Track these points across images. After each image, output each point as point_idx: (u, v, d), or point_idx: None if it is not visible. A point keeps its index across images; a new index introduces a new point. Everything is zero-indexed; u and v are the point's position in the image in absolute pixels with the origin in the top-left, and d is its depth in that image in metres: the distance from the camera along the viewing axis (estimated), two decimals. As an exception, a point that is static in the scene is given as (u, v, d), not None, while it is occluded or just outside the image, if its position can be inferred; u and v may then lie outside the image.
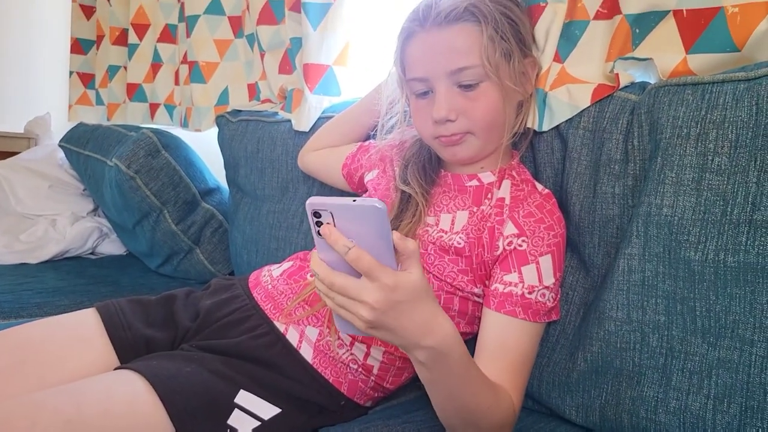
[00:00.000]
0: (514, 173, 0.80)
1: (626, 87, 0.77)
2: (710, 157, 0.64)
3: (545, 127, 0.80)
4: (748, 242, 0.61)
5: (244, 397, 0.73)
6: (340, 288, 0.55)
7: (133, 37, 1.90)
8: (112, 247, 1.80)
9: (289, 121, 1.24)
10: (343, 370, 0.80)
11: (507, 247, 0.74)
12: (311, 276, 0.80)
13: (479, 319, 0.76)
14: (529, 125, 0.81)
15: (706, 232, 0.64)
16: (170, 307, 0.88)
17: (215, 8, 1.58)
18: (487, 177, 0.80)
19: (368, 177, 0.94)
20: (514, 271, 0.73)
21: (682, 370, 0.65)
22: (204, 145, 1.64)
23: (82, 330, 0.82)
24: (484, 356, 0.70)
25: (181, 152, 1.46)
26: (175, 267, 1.49)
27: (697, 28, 0.74)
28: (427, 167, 0.83)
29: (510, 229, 0.74)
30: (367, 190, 0.93)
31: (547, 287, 0.73)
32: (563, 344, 0.77)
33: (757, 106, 0.62)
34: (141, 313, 0.86)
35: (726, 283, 0.62)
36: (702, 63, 0.73)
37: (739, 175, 0.62)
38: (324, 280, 0.56)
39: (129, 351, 0.81)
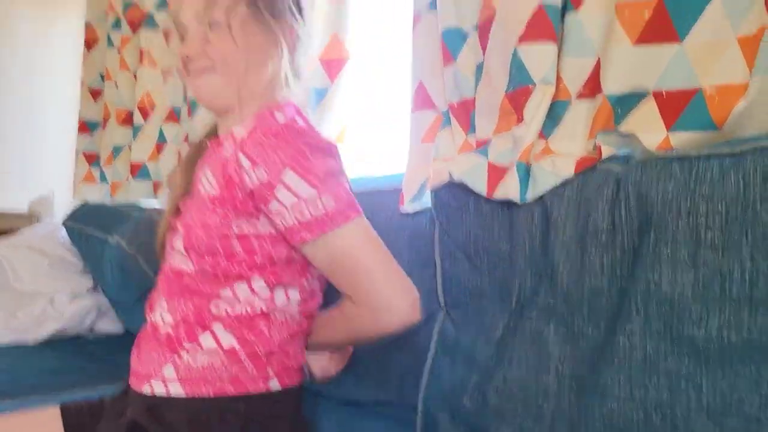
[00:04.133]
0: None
1: (609, 158, 0.79)
2: (703, 232, 0.66)
3: (529, 198, 0.81)
4: (750, 320, 0.61)
5: None
6: None
7: (138, 118, 1.96)
8: (111, 325, 1.78)
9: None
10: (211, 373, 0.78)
11: (251, 182, 0.75)
12: None
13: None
14: (510, 197, 0.82)
15: (707, 309, 0.64)
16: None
17: (219, 91, 1.64)
18: (240, 133, 0.81)
19: None
20: (272, 200, 0.75)
21: (688, 449, 0.64)
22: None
23: None
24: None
25: (182, 230, 1.48)
26: (174, 345, 1.47)
27: (677, 108, 0.78)
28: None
29: (245, 162, 0.75)
30: None
31: (308, 198, 0.74)
32: (561, 422, 0.75)
33: (743, 181, 0.64)
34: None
35: (731, 361, 0.62)
36: (684, 140, 0.76)
37: (733, 251, 0.63)
38: None
39: None
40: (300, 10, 0.85)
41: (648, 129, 0.79)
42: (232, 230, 0.78)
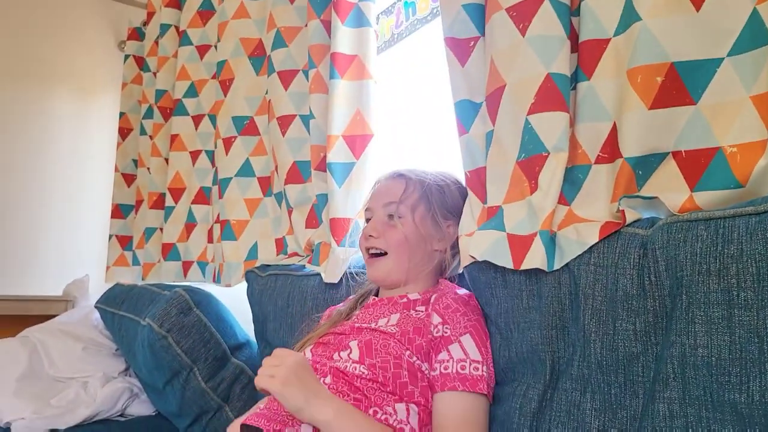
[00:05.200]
0: (438, 290, 0.97)
1: (633, 222, 0.78)
2: (735, 292, 0.64)
3: (556, 266, 0.81)
4: (794, 381, 0.59)
5: None
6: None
7: (169, 201, 2.02)
8: (142, 407, 1.77)
9: (318, 274, 1.27)
10: None
11: (436, 334, 0.89)
12: None
13: None
14: (537, 266, 0.82)
15: (746, 371, 0.62)
16: None
17: (246, 171, 1.70)
18: (414, 296, 0.98)
19: None
20: (444, 351, 0.87)
21: None
22: (234, 300, 1.68)
23: None
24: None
25: (212, 308, 1.49)
26: (204, 427, 1.46)
27: (698, 168, 0.78)
28: (366, 295, 1.07)
29: (436, 318, 0.90)
30: None
31: (475, 360, 0.86)
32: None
33: (772, 239, 0.63)
34: None
35: (777, 425, 0.59)
36: (709, 199, 0.75)
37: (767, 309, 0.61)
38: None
39: None
40: (461, 215, 1.00)
41: (671, 189, 0.79)
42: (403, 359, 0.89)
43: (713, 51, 0.78)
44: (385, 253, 0.99)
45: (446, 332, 0.88)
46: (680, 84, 0.79)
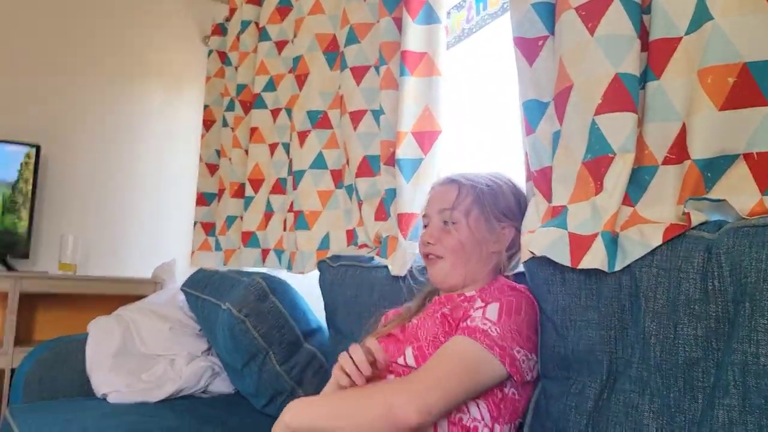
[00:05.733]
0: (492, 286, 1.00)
1: (699, 225, 0.77)
2: (803, 302, 0.63)
3: (618, 267, 0.81)
4: None
5: None
6: None
7: (249, 191, 2.13)
8: (222, 385, 1.89)
9: (385, 267, 1.32)
10: None
11: (472, 313, 0.93)
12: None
13: None
14: (597, 266, 0.82)
15: (809, 382, 0.61)
16: None
17: (319, 163, 1.76)
18: (471, 293, 1.01)
19: None
20: (467, 318, 0.92)
21: None
22: (308, 287, 1.75)
23: None
24: None
25: (287, 295, 1.57)
26: (279, 407, 1.54)
27: (770, 171, 0.75)
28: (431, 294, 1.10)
29: (478, 303, 0.94)
30: None
31: (489, 319, 0.89)
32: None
33: (844, 248, 0.61)
34: None
35: (840, 439, 0.58)
36: (781, 204, 0.73)
37: (835, 321, 0.60)
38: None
39: None
40: (514, 217, 1.04)
41: (740, 192, 0.77)
42: None
43: (791, 50, 0.75)
44: (443, 257, 1.03)
45: (479, 308, 0.93)
46: (753, 84, 0.77)
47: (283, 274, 1.81)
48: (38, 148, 2.40)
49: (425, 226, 1.09)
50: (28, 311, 2.42)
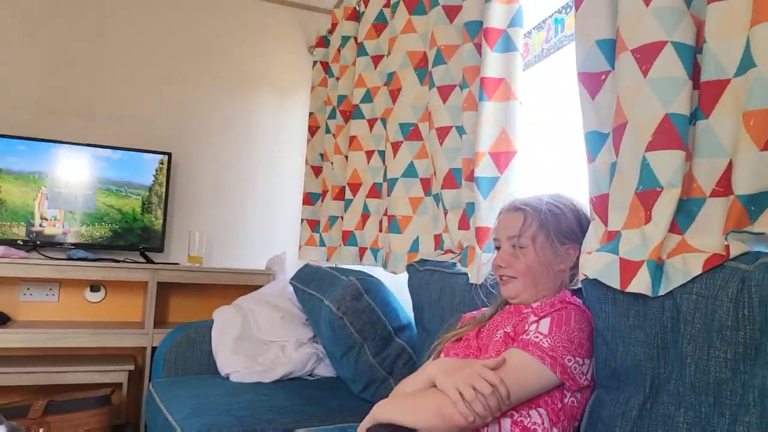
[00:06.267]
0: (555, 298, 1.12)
1: (739, 256, 0.84)
2: (818, 336, 0.70)
3: (661, 292, 0.90)
4: None
5: None
6: None
7: (348, 194, 2.33)
8: (326, 370, 2.12)
9: (465, 274, 1.46)
10: None
11: (528, 327, 1.05)
12: None
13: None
14: (642, 291, 0.91)
15: (819, 407, 0.69)
16: None
17: (410, 172, 1.92)
18: (536, 305, 1.12)
19: None
20: (524, 332, 1.04)
21: None
22: (401, 284, 1.92)
23: None
24: None
25: (380, 294, 1.75)
26: (373, 393, 1.73)
27: (812, 207, 0.81)
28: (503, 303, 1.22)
29: (533, 318, 1.06)
30: None
31: (541, 333, 1.01)
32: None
33: None
34: None
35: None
36: (820, 239, 0.79)
37: None
38: None
39: None
40: (577, 239, 1.14)
41: (781, 225, 0.84)
42: None
43: (832, 95, 0.80)
44: (516, 278, 1.15)
45: (534, 318, 1.05)
46: (796, 126, 0.83)
47: (379, 273, 1.99)
48: (170, 156, 2.75)
49: (497, 248, 1.21)
50: (162, 298, 2.79)
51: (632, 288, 0.93)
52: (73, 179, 2.58)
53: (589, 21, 1.11)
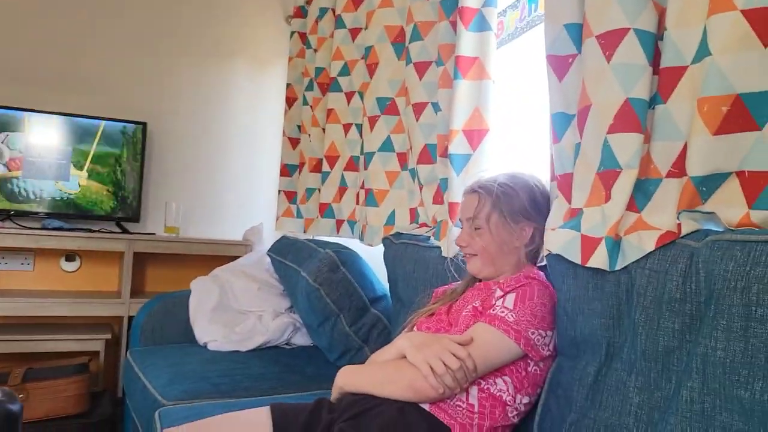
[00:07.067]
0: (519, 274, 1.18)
1: (690, 234, 0.90)
2: (754, 308, 0.77)
3: (617, 267, 0.96)
4: (786, 386, 0.72)
5: None
6: None
7: (326, 166, 2.35)
8: (303, 339, 2.17)
9: (439, 247, 1.51)
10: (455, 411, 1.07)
11: (494, 302, 1.12)
12: None
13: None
14: (600, 266, 0.97)
15: (753, 374, 0.75)
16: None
17: (387, 146, 1.95)
18: (502, 280, 1.19)
19: None
20: (490, 307, 1.11)
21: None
22: (374, 256, 1.97)
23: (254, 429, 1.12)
24: None
25: (356, 266, 1.80)
26: (348, 361, 1.79)
27: (757, 187, 0.87)
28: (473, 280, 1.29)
29: (499, 292, 1.12)
30: None
31: (506, 307, 1.08)
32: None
33: (791, 266, 0.74)
34: (304, 422, 1.13)
35: (770, 420, 0.73)
36: (763, 218, 0.85)
37: (776, 326, 0.74)
38: None
39: None
40: (530, 216, 1.19)
41: (730, 205, 0.89)
42: None
43: (780, 83, 0.86)
44: (476, 255, 1.22)
45: (499, 294, 1.12)
46: (746, 112, 0.88)
47: (356, 245, 2.04)
48: (144, 125, 2.73)
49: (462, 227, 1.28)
50: (139, 268, 2.81)
51: (591, 263, 0.99)
52: (47, 148, 2.56)
53: (557, 5, 1.14)
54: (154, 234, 2.71)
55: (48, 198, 2.56)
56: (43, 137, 2.56)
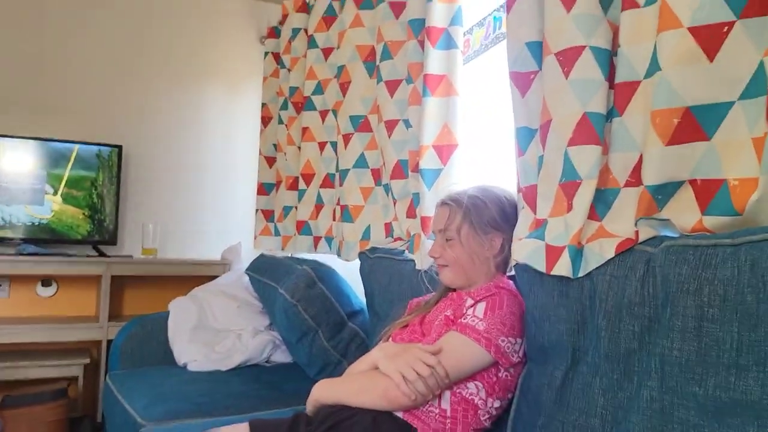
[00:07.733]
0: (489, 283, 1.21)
1: (648, 240, 0.95)
2: (706, 309, 0.81)
3: (580, 274, 1.00)
4: (736, 382, 0.76)
5: None
6: None
7: (302, 184, 2.38)
8: (283, 356, 2.18)
9: (413, 260, 1.54)
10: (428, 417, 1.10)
11: (464, 306, 1.16)
12: None
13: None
14: (564, 273, 1.01)
15: (706, 372, 0.79)
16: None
17: (361, 163, 1.98)
18: (474, 290, 1.21)
19: None
20: (462, 316, 1.14)
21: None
22: (353, 271, 2.00)
23: None
24: None
25: (333, 282, 1.82)
26: (328, 375, 1.80)
27: (708, 195, 0.92)
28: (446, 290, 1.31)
29: (469, 302, 1.16)
30: None
31: (477, 317, 1.11)
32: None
33: (738, 268, 0.78)
34: None
35: (724, 414, 0.77)
36: (714, 223, 0.90)
37: (726, 325, 0.78)
38: None
39: None
40: (499, 227, 1.23)
41: (685, 212, 0.94)
42: None
43: (726, 95, 0.91)
44: (448, 266, 1.25)
45: (470, 303, 1.15)
46: (695, 123, 0.93)
47: (334, 261, 2.06)
48: (120, 148, 2.74)
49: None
50: (117, 291, 2.79)
51: (556, 271, 1.03)
52: (20, 174, 2.55)
53: (519, 24, 1.19)
54: (131, 257, 2.70)
55: (22, 224, 2.54)
56: (16, 163, 2.55)
